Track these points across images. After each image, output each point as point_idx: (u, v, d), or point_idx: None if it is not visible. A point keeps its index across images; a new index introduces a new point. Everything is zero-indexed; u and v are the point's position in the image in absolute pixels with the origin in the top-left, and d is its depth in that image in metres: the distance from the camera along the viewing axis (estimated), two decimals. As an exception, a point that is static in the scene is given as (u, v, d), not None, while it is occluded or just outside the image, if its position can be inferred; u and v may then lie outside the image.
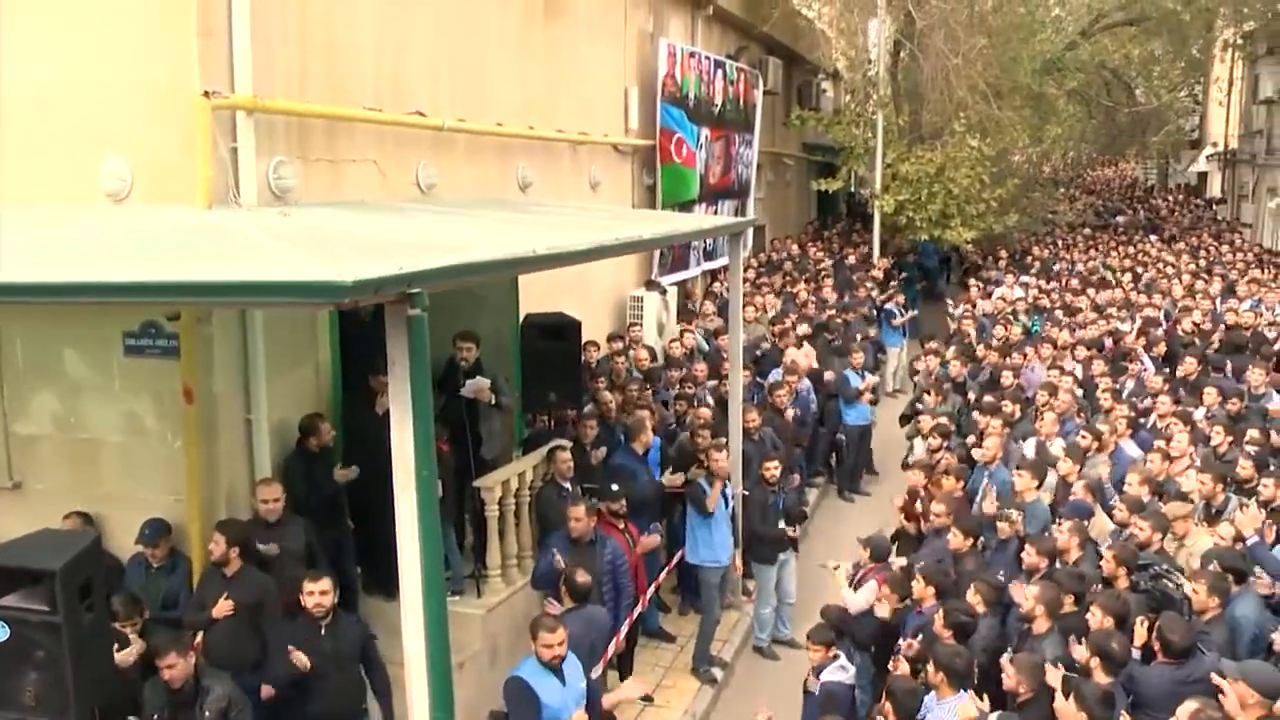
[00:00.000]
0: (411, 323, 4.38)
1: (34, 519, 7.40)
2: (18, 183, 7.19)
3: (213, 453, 7.36)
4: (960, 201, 19.74)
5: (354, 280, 3.97)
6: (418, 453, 4.57)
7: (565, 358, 9.59)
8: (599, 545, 8.18)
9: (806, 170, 25.65)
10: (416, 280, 4.30)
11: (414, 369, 4.44)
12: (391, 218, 7.18)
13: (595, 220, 8.94)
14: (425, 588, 4.69)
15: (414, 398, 4.46)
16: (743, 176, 18.38)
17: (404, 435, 4.56)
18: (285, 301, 4.97)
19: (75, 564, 5.03)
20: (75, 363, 7.59)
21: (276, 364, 7.66)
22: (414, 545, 4.64)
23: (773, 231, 22.81)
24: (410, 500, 4.62)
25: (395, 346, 4.46)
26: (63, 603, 4.94)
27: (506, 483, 8.62)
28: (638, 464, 9.63)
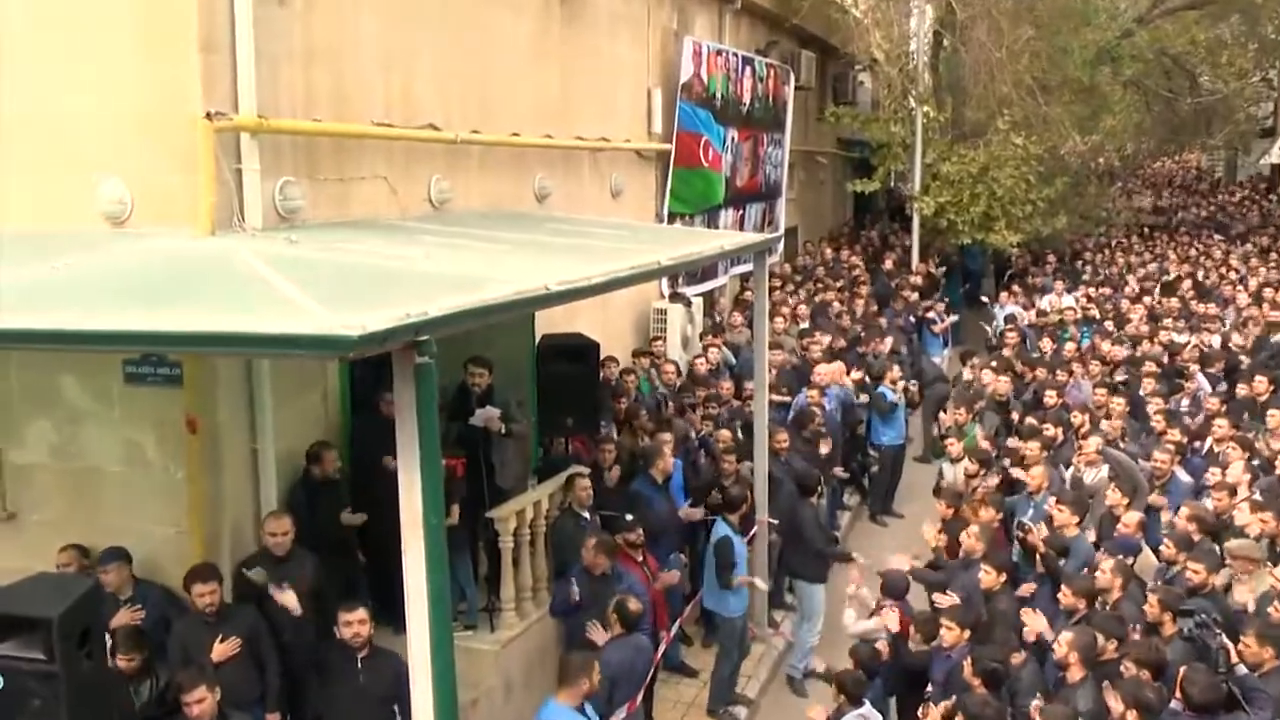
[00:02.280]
0: (419, 370, 4.51)
1: (29, 551, 7.67)
2: (12, 205, 7.37)
3: (217, 484, 7.53)
4: (1004, 203, 19.72)
5: (360, 335, 4.11)
6: (426, 501, 4.70)
7: (583, 381, 9.73)
8: (615, 578, 8.33)
9: (842, 168, 25.68)
10: (424, 329, 4.43)
11: (421, 416, 4.57)
12: (401, 244, 7.30)
13: (613, 241, 9.04)
14: (434, 644, 4.83)
15: (421, 446, 4.58)
16: (771, 178, 18.45)
17: (411, 483, 4.68)
18: (290, 354, 5.10)
19: (73, 611, 5.18)
20: (73, 389, 7.76)
21: (283, 391, 7.82)
22: (422, 597, 4.76)
23: (805, 234, 22.84)
24: (418, 547, 4.74)
25: (402, 394, 4.59)
26: (60, 651, 5.09)
27: (521, 512, 8.75)
28: (656, 492, 9.74)
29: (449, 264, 6.55)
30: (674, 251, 8.32)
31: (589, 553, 8.30)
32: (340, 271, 6.12)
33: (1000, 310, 17.96)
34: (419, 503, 4.70)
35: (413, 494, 4.71)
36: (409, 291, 5.48)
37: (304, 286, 5.16)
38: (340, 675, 6.86)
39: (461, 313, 4.81)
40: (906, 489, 14.27)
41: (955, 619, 7.23)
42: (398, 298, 5.05)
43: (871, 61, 21.02)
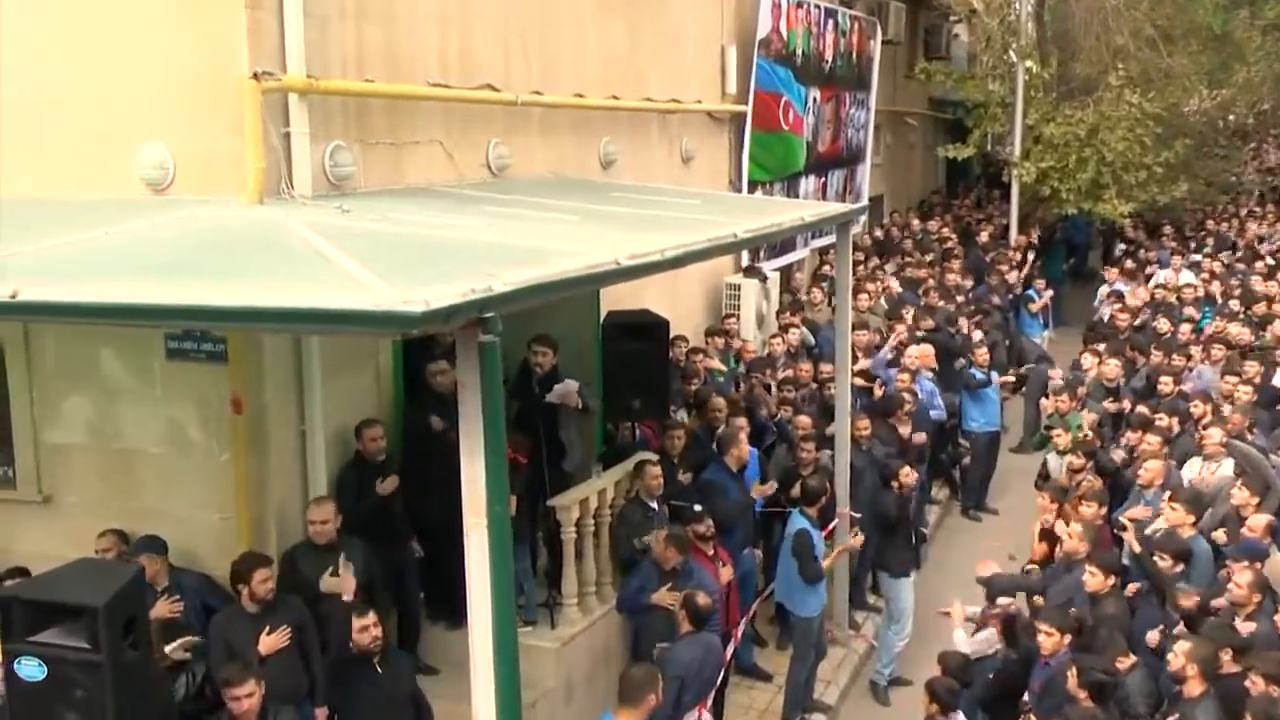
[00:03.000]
0: (484, 349, 4.62)
1: (65, 536, 7.96)
2: (50, 172, 7.58)
3: (263, 467, 7.73)
4: (1116, 169, 19.43)
5: (423, 311, 4.21)
6: (490, 486, 4.81)
7: (651, 361, 9.83)
8: (685, 575, 8.45)
9: (933, 131, 25.49)
10: (490, 305, 4.53)
11: (485, 397, 4.67)
12: (458, 214, 7.41)
13: (684, 211, 9.10)
14: (496, 638, 4.94)
15: (486, 428, 4.69)
16: (854, 141, 18.39)
17: (474, 467, 4.80)
18: (348, 331, 5.23)
19: (119, 599, 5.37)
20: (112, 366, 8.00)
21: (332, 369, 8.00)
22: (485, 588, 4.88)
23: (891, 203, 22.75)
24: (481, 538, 4.85)
25: (466, 373, 4.70)
26: (106, 640, 5.27)
27: (585, 501, 8.89)
28: (730, 480, 9.83)
29: (511, 235, 6.65)
30: (751, 223, 8.35)
31: (659, 546, 8.44)
32: (397, 243, 6.25)
33: (1108, 288, 17.75)
34: (482, 489, 4.80)
35: (476, 479, 4.81)
36: (470, 265, 5.57)
37: (360, 259, 5.26)
38: (362, 681, 7.05)
39: (529, 288, 4.89)
40: (1002, 482, 14.21)
41: (1053, 623, 7.23)
42: (459, 272, 5.15)
43: (969, 12, 20.87)
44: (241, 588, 7.23)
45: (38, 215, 7.12)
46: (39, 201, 7.41)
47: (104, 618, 5.26)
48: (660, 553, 8.44)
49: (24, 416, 8.29)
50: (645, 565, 8.66)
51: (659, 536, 8.55)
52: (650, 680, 6.78)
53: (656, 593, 8.36)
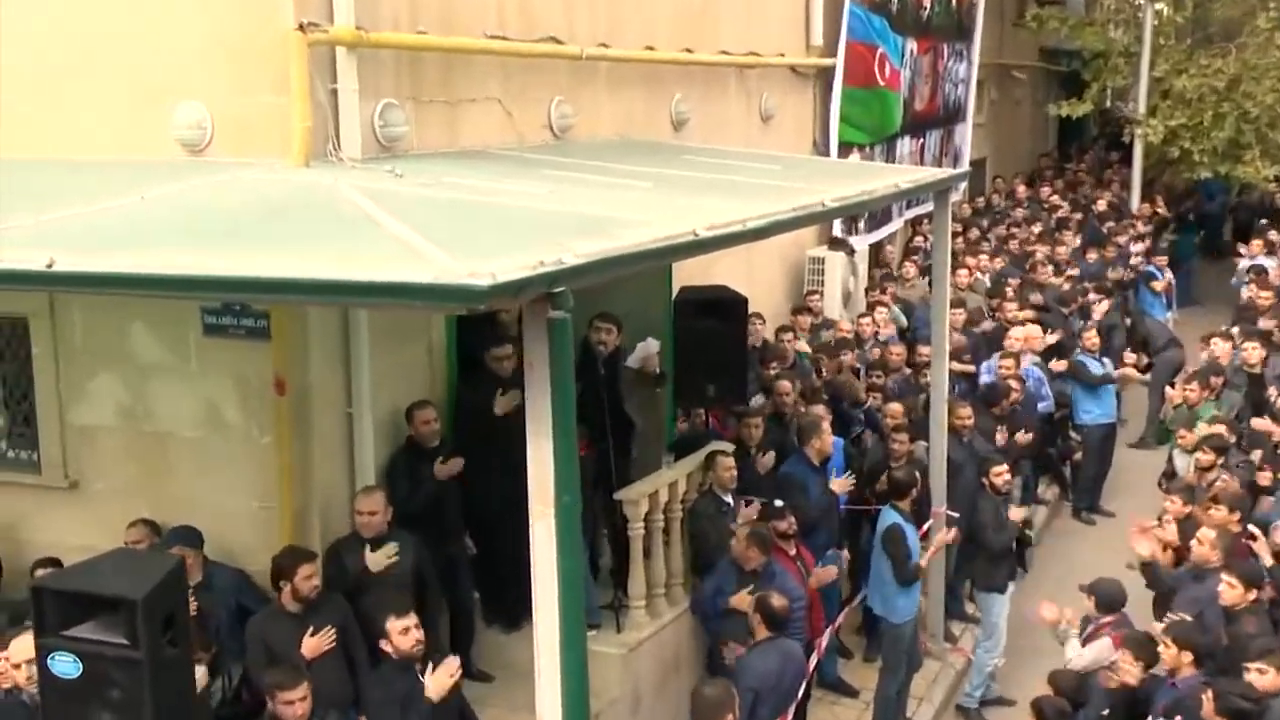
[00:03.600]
0: (553, 325, 4.75)
1: (92, 524, 8.27)
2: (81, 133, 7.82)
3: (306, 453, 7.94)
4: (1260, 126, 19.03)
5: (491, 285, 4.35)
6: (558, 473, 4.93)
7: (728, 342, 9.98)
8: (767, 578, 8.56)
9: (1045, 86, 25.27)
10: (561, 279, 4.67)
11: (555, 378, 4.81)
12: (519, 179, 7.56)
13: (765, 178, 9.21)
14: (564, 636, 5.06)
15: (555, 411, 4.83)
16: (952, 98, 18.32)
17: (542, 452, 4.93)
18: (410, 306, 5.39)
19: (158, 592, 5.54)
20: (144, 341, 8.24)
21: (382, 346, 8.20)
22: (551, 585, 5.01)
23: (996, 167, 22.65)
24: (548, 530, 4.98)
25: (534, 351, 4.83)
26: (145, 637, 5.44)
27: (654, 495, 9.01)
28: (811, 474, 9.93)
29: (578, 203, 6.79)
30: (840, 190, 8.42)
31: (740, 545, 8.57)
32: (455, 210, 6.41)
33: (1246, 262, 17.52)
34: (550, 476, 4.93)
35: (543, 466, 4.94)
36: (536, 235, 5.73)
37: (417, 227, 5.40)
38: (405, 691, 7.10)
39: (603, 261, 5.02)
40: (1119, 480, 14.16)
41: (1180, 639, 7.23)
42: (525, 242, 5.29)
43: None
44: (283, 585, 7.40)
45: (69, 178, 7.39)
46: (68, 163, 7.67)
47: (143, 612, 5.41)
48: (741, 552, 8.57)
49: (49, 395, 8.57)
50: (723, 566, 8.79)
51: (740, 534, 8.69)
52: (727, 699, 6.86)
53: (735, 595, 8.48)
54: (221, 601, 7.77)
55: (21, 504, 8.75)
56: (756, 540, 8.57)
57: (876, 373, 12.19)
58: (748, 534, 8.61)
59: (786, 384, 10.92)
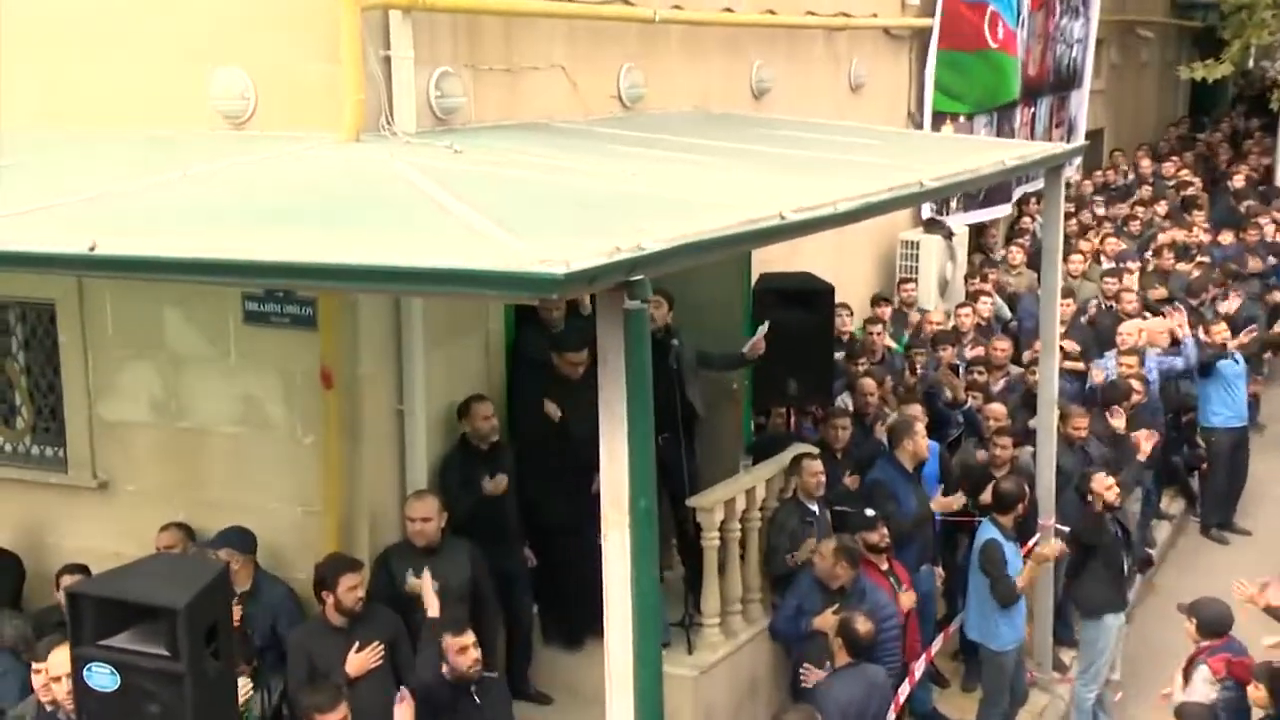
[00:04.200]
0: (630, 317, 4.89)
1: (122, 528, 8.57)
2: (114, 103, 8.09)
3: (355, 453, 8.16)
4: None
5: (566, 273, 4.49)
6: (635, 478, 5.07)
7: (812, 334, 10.14)
8: (856, 595, 8.69)
9: (1175, 45, 24.98)
10: (639, 266, 4.81)
11: (631, 372, 4.95)
12: (587, 154, 7.73)
13: (856, 154, 9.29)
14: (639, 656, 5.20)
15: (631, 409, 4.97)
16: (1065, 61, 18.22)
17: (617, 455, 5.06)
18: (477, 294, 5.57)
19: (201, 600, 5.74)
20: (179, 331, 8.49)
21: (436, 338, 8.40)
22: (625, 599, 5.15)
23: (1115, 139, 22.51)
24: (622, 540, 5.12)
25: (608, 344, 4.98)
26: (187, 648, 5.64)
27: (731, 502, 9.14)
28: (904, 481, 9.99)
29: (652, 182, 6.92)
30: (938, 168, 8.51)
31: (827, 560, 8.67)
32: (520, 190, 6.58)
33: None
34: (625, 481, 5.05)
35: (618, 470, 5.07)
36: (608, 217, 5.90)
37: (481, 209, 5.58)
38: (457, 713, 7.33)
39: (684, 246, 5.15)
40: (1258, 492, 14.03)
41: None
42: (598, 225, 5.45)
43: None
44: (325, 596, 7.60)
45: (104, 153, 7.66)
46: (103, 135, 7.94)
47: (185, 621, 5.60)
48: (827, 567, 8.66)
49: (77, 388, 8.85)
50: (805, 582, 8.88)
51: (827, 547, 8.76)
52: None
53: (820, 616, 8.58)
54: (268, 614, 7.99)
55: (46, 505, 9.04)
56: (845, 554, 8.65)
57: (977, 369, 12.25)
58: (836, 547, 8.70)
59: (870, 382, 11.03)
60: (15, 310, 9.17)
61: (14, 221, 5.90)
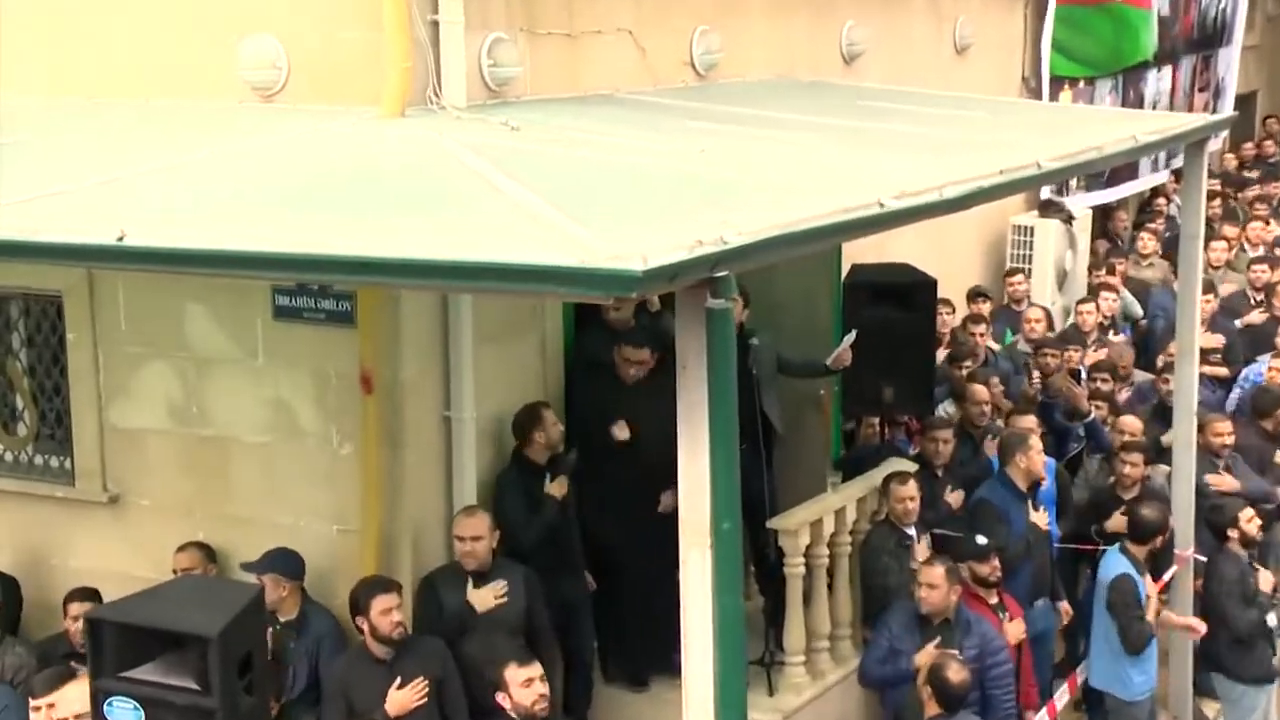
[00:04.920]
0: (712, 317, 5.07)
1: (135, 548, 8.85)
2: (135, 71, 8.36)
3: (397, 464, 8.35)
4: None
5: (644, 270, 4.67)
6: (718, 496, 5.25)
7: (911, 334, 10.27)
8: (960, 628, 8.76)
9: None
10: (724, 261, 5.00)
11: (714, 379, 5.13)
12: (657, 131, 7.90)
13: (962, 128, 9.39)
14: (721, 696, 5.37)
15: (714, 419, 5.15)
16: (1211, 14, 18.08)
17: (697, 470, 5.26)
18: (545, 293, 5.76)
19: (236, 628, 6.00)
20: (201, 327, 8.69)
21: (487, 337, 8.58)
22: (706, 630, 5.33)
23: (1270, 104, 22.25)
24: (703, 565, 5.32)
25: (688, 347, 5.18)
26: (219, 681, 5.89)
27: (818, 524, 9.23)
28: (1015, 501, 9.99)
29: (732, 163, 7.09)
30: (1058, 145, 8.60)
31: (939, 588, 8.67)
32: (586, 172, 6.77)
33: None
34: (707, 500, 5.25)
35: (698, 487, 5.27)
36: (686, 205, 6.10)
37: (544, 194, 5.79)
38: None
39: (771, 240, 5.33)
40: None
41: None
42: (675, 214, 5.67)
43: None
44: (360, 623, 7.79)
45: (119, 128, 7.94)
46: (115, 109, 8.23)
47: (217, 651, 5.87)
48: (939, 598, 8.69)
49: (86, 391, 9.07)
50: (899, 616, 8.93)
51: (937, 573, 8.74)
52: None
53: (920, 651, 8.61)
54: (311, 649, 8.16)
55: (50, 521, 9.28)
56: (956, 579, 8.72)
57: (1101, 376, 12.27)
58: (946, 570, 8.73)
59: (983, 389, 11.04)
60: (18, 303, 9.41)
61: (27, 208, 6.16)
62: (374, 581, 7.92)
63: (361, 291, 8.05)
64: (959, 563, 9.13)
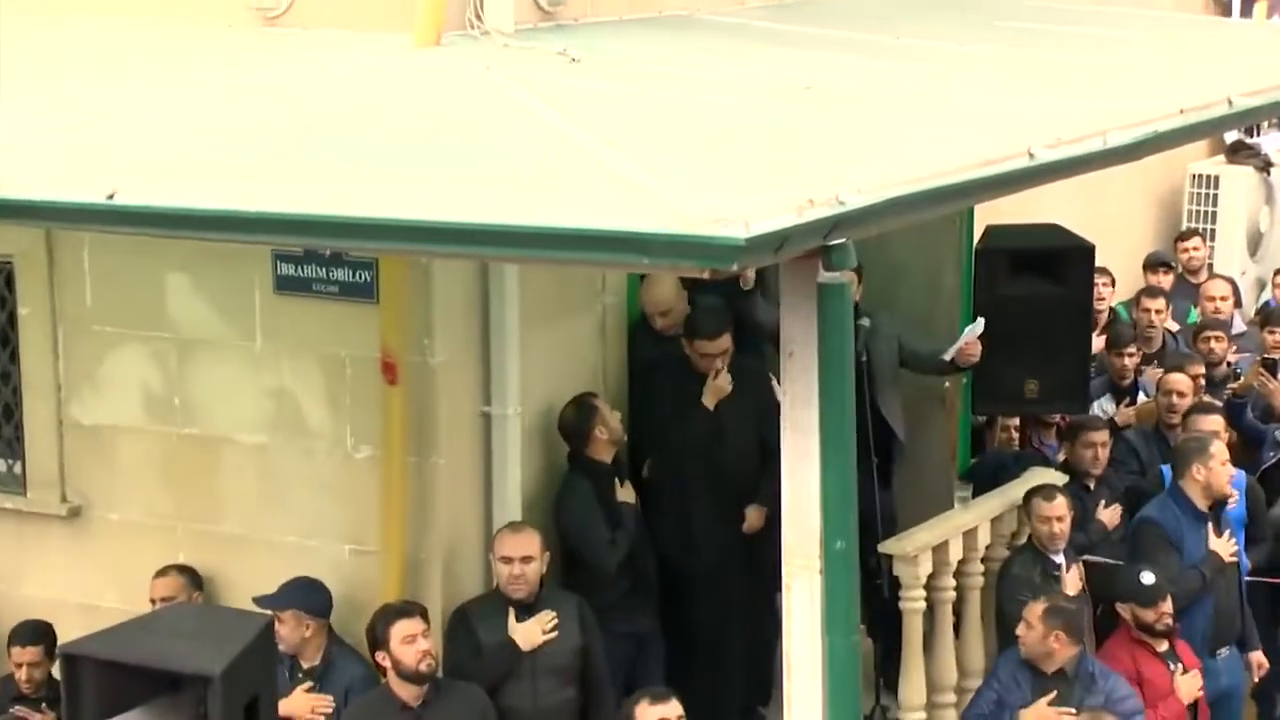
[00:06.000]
0: (826, 294, 5.26)
1: (100, 572, 9.07)
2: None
3: (426, 471, 8.52)
4: None
5: (749, 236, 4.76)
6: (829, 510, 5.41)
7: (1061, 313, 10.33)
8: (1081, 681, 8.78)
9: None
10: (841, 226, 5.15)
11: (827, 368, 5.30)
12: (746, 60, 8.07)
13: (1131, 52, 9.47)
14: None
15: (827, 417, 5.33)
16: None
17: (804, 480, 5.44)
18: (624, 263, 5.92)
19: (241, 666, 6.15)
20: (184, 302, 8.88)
21: (536, 315, 8.74)
22: (814, 673, 5.51)
23: None
24: (810, 591, 5.50)
25: (794, 331, 5.37)
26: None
27: (942, 549, 9.34)
28: (1191, 523, 10.01)
29: (837, 100, 7.20)
30: (1254, 77, 8.65)
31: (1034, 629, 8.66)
32: (661, 114, 6.88)
33: None
34: (816, 515, 5.42)
35: (805, 500, 5.45)
36: (787, 155, 6.23)
37: (614, 142, 5.94)
38: None
39: (900, 199, 5.47)
40: None
41: None
42: (776, 167, 5.81)
43: None
44: (382, 659, 8.00)
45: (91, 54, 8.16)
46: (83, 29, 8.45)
47: (220, 693, 6.01)
48: (1035, 640, 8.71)
49: (41, 379, 9.27)
50: (1008, 663, 8.96)
51: (1034, 610, 8.74)
52: None
53: (1027, 710, 8.65)
54: (340, 700, 8.33)
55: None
56: (1059, 622, 8.67)
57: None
58: (1044, 610, 8.71)
59: (1183, 379, 11.14)
60: (-46, 270, 9.51)
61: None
62: (392, 607, 8.05)
63: (384, 260, 8.15)
64: (1116, 601, 9.26)
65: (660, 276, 9.33)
